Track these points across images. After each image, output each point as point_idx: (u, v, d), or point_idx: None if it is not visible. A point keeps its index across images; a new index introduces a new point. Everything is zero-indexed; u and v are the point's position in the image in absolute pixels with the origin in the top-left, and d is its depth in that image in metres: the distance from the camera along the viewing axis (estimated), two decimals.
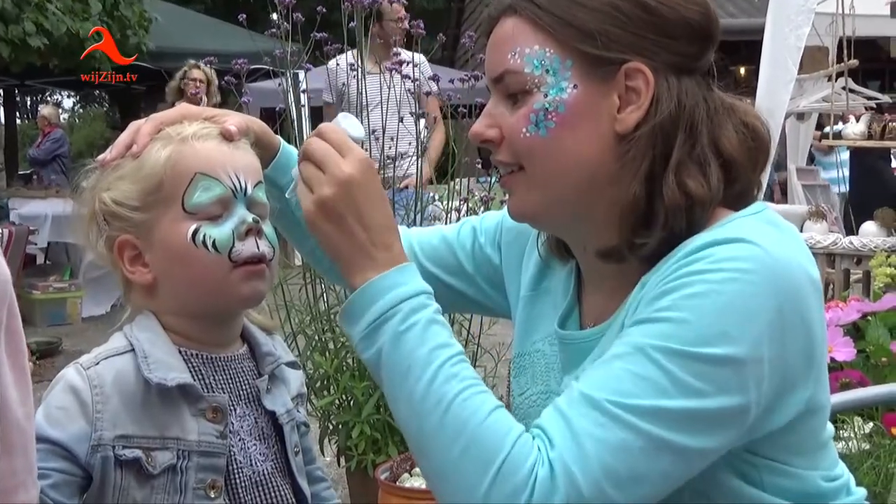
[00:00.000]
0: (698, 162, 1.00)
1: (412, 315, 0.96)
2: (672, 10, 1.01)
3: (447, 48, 14.52)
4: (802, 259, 0.97)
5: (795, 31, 4.56)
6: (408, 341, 0.95)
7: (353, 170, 0.99)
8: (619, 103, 1.01)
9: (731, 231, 0.96)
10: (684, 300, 0.92)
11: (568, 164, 1.02)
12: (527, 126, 1.02)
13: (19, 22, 7.21)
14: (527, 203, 1.07)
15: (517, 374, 1.20)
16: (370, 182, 1.00)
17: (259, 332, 1.22)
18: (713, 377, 0.90)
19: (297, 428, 1.21)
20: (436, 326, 0.97)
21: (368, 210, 0.99)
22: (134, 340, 1.10)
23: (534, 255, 1.22)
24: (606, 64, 1.00)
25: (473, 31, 6.31)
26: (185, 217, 1.09)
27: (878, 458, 1.89)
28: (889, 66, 8.87)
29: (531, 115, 1.02)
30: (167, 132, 1.12)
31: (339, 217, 0.99)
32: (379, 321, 0.97)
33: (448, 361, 0.95)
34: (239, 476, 1.11)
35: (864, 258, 4.32)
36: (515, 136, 1.03)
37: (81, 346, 3.90)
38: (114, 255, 1.12)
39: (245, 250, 1.10)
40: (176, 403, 1.08)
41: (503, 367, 3.05)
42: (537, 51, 1.02)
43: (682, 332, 0.91)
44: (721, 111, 1.04)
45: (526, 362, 1.19)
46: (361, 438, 2.96)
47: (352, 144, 1.02)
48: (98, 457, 1.04)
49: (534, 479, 0.90)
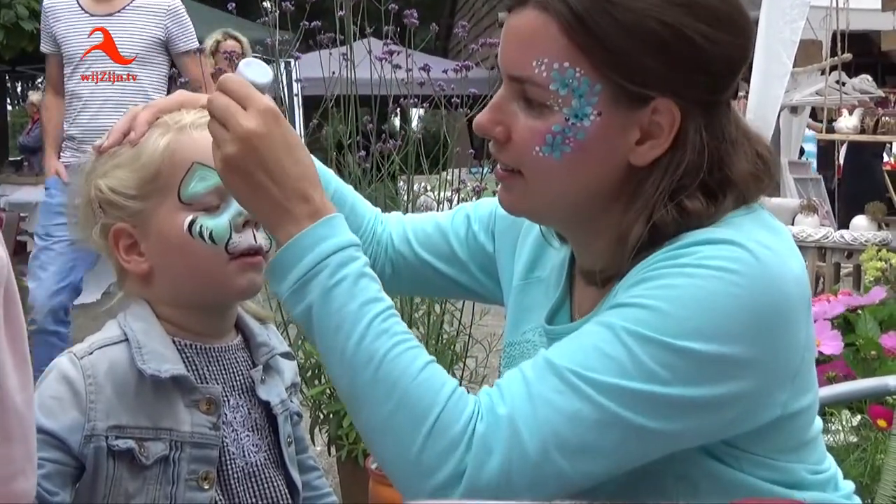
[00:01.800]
0: (705, 190, 0.98)
1: (340, 269, 0.93)
2: (717, 48, 0.95)
3: (440, 38, 14.48)
4: (792, 265, 0.95)
5: (790, 25, 4.56)
6: (337, 297, 0.93)
7: (253, 124, 0.94)
8: (639, 136, 0.97)
9: (723, 232, 0.95)
10: (663, 290, 0.91)
11: (572, 189, 0.99)
12: (541, 146, 0.97)
13: (11, 6, 7.18)
14: (521, 205, 1.05)
15: (507, 364, 1.19)
16: (273, 133, 0.95)
17: (254, 322, 1.22)
18: (678, 368, 0.89)
19: (290, 418, 1.21)
20: (364, 280, 0.94)
21: (276, 163, 0.94)
22: (128, 330, 1.09)
23: (527, 244, 1.21)
24: (639, 97, 0.95)
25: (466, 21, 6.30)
26: (182, 207, 1.08)
27: (864, 451, 1.91)
28: (882, 60, 8.89)
29: (548, 135, 0.96)
30: (165, 120, 1.11)
31: (247, 174, 0.95)
32: (306, 278, 0.93)
33: (378, 317, 0.93)
34: (231, 467, 1.11)
35: (854, 252, 4.33)
36: (525, 150, 0.98)
37: (73, 334, 3.90)
38: (109, 243, 1.11)
39: (242, 242, 1.09)
40: (169, 394, 1.08)
41: (494, 358, 3.05)
42: (567, 69, 0.94)
43: (655, 320, 0.90)
44: (739, 141, 1.01)
45: (516, 352, 1.18)
46: (352, 428, 2.96)
47: (253, 94, 0.96)
48: (91, 447, 1.04)
49: (470, 434, 0.89)
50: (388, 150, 3.16)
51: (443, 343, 3.30)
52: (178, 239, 1.08)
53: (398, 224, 1.33)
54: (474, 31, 13.86)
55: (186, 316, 1.13)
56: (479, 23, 14.12)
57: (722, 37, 0.96)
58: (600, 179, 0.99)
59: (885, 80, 9.33)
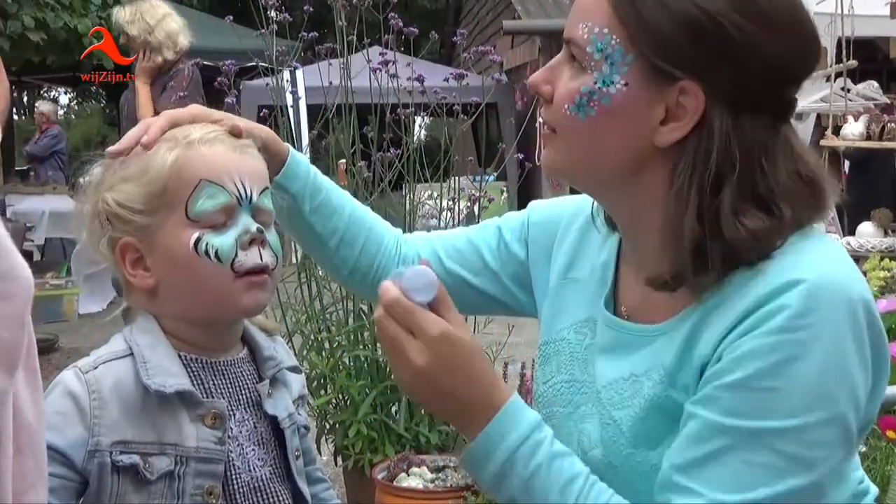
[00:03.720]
0: (757, 204, 0.98)
1: (531, 460, 0.98)
2: (752, 43, 0.96)
3: (445, 46, 14.51)
4: (853, 276, 0.97)
5: None
6: (536, 489, 0.98)
7: (423, 360, 0.98)
8: (664, 115, 0.99)
9: (796, 268, 0.95)
10: (778, 368, 0.92)
11: (596, 154, 1.03)
12: (570, 105, 1.02)
13: (18, 17, 7.21)
14: (555, 163, 1.08)
15: (543, 363, 1.21)
16: (447, 360, 0.99)
17: (260, 335, 1.21)
18: (825, 440, 0.92)
19: (297, 431, 1.20)
20: (556, 462, 0.99)
21: (453, 385, 0.99)
22: (133, 345, 1.09)
23: (563, 248, 1.23)
24: (666, 75, 0.98)
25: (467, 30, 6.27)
26: (189, 224, 1.07)
27: (874, 461, 1.89)
28: (887, 66, 8.88)
29: (577, 95, 1.01)
30: (174, 134, 1.10)
31: (427, 399, 1.03)
32: (501, 473, 0.99)
33: (581, 494, 0.98)
34: (237, 482, 1.10)
35: (861, 258, 4.32)
36: (558, 107, 1.04)
37: (78, 344, 3.89)
38: (116, 256, 1.11)
39: (248, 261, 1.09)
40: (174, 409, 1.07)
41: (499, 366, 3.04)
42: (605, 35, 0.99)
43: (784, 403, 0.91)
44: (781, 153, 1.00)
45: (551, 350, 1.20)
46: (358, 438, 2.95)
47: (421, 322, 0.98)
48: (95, 462, 1.03)
49: None
50: (387, 159, 3.17)
51: None
52: (183, 256, 1.07)
53: (425, 242, 1.36)
54: (479, 38, 13.88)
55: (192, 330, 1.12)
56: (483, 31, 14.14)
57: (758, 33, 0.96)
58: (623, 149, 1.02)
59: (889, 87, 9.31)
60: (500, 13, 12.53)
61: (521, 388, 2.80)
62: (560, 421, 1.13)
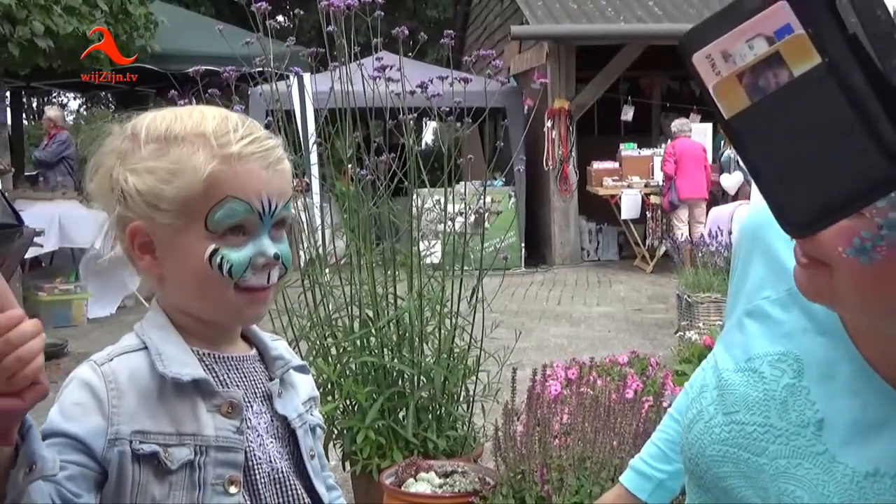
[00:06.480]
0: None
1: None
2: None
3: (454, 51, 14.55)
4: None
5: None
6: None
7: None
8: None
9: None
10: None
11: (879, 295, 0.90)
12: (846, 248, 0.86)
13: (27, 23, 7.24)
14: (823, 299, 0.96)
15: (725, 392, 1.07)
16: None
17: (266, 336, 1.22)
18: None
19: (311, 431, 1.20)
20: None
21: None
22: (146, 339, 1.09)
23: (771, 250, 1.11)
24: None
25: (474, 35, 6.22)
26: (207, 235, 1.07)
27: None
28: None
29: (855, 238, 0.85)
30: (211, 141, 1.07)
31: None
32: None
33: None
34: (258, 472, 1.10)
35: None
36: (830, 246, 0.89)
37: (87, 348, 3.90)
38: (125, 235, 1.10)
39: (254, 281, 1.09)
40: (191, 399, 1.07)
41: (507, 371, 3.04)
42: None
43: None
44: None
45: (740, 380, 1.06)
46: (366, 443, 2.96)
47: None
48: (115, 451, 1.03)
49: None
50: (386, 164, 3.18)
51: (455, 357, 3.29)
52: (195, 263, 1.07)
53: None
54: (487, 44, 13.89)
55: (196, 324, 1.13)
56: (491, 36, 14.16)
57: None
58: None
59: None
60: (508, 18, 12.54)
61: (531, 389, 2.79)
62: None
